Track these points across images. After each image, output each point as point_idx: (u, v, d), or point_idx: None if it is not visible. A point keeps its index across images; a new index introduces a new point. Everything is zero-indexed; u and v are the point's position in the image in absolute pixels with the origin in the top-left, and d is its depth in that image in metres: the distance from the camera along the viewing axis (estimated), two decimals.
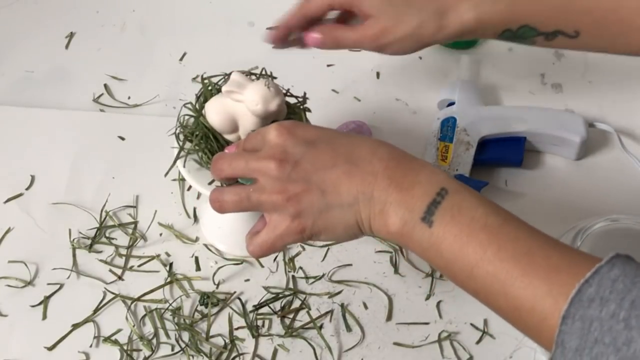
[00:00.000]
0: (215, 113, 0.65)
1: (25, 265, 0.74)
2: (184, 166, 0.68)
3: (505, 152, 0.81)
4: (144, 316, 0.71)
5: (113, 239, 0.76)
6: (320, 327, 0.71)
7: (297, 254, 0.76)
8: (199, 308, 0.72)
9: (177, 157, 0.67)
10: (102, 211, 0.78)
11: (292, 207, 0.54)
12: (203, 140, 0.66)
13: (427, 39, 0.69)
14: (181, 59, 0.93)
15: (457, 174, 0.78)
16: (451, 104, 0.84)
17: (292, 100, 0.70)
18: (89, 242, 0.76)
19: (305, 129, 0.56)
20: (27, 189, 0.80)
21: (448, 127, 0.81)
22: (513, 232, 0.51)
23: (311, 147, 0.55)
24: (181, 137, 0.68)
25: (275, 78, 0.69)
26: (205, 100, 0.68)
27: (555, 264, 0.49)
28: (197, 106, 0.68)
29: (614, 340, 0.44)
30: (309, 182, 0.54)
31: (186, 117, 0.69)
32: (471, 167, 0.79)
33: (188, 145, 0.67)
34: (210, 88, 0.69)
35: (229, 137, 0.67)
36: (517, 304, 0.49)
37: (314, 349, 0.70)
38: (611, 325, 0.44)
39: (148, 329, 0.70)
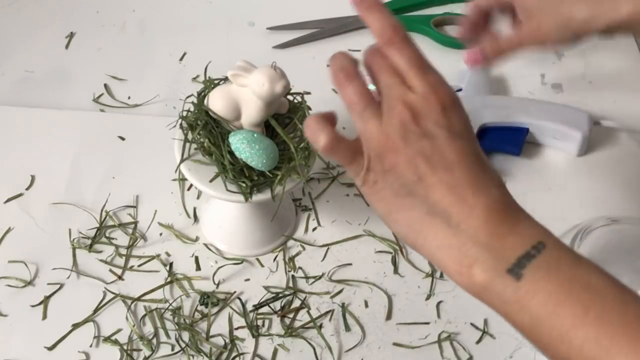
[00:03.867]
0: (220, 98, 0.65)
1: (25, 265, 0.74)
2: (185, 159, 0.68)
3: (504, 140, 0.81)
4: (144, 316, 0.71)
5: (113, 239, 0.76)
6: (320, 326, 0.71)
7: (297, 254, 0.76)
8: (199, 308, 0.72)
9: (184, 146, 0.67)
10: (102, 211, 0.78)
11: (383, 161, 0.48)
12: (205, 130, 0.66)
13: (579, 28, 0.67)
14: (181, 59, 0.93)
15: None
16: (459, 90, 0.84)
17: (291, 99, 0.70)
18: (89, 242, 0.76)
19: (461, 115, 0.49)
20: (27, 189, 0.80)
21: None
22: (620, 295, 0.45)
23: (449, 136, 0.47)
24: (184, 124, 0.68)
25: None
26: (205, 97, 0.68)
27: None
28: (199, 99, 0.68)
29: None
30: (416, 156, 0.47)
31: (188, 110, 0.69)
32: None
33: (190, 136, 0.67)
34: (212, 86, 0.69)
35: (231, 124, 0.67)
36: None
37: (314, 349, 0.70)
38: None
39: (148, 328, 0.70)
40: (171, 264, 0.74)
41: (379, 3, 0.50)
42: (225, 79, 0.69)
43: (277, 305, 0.72)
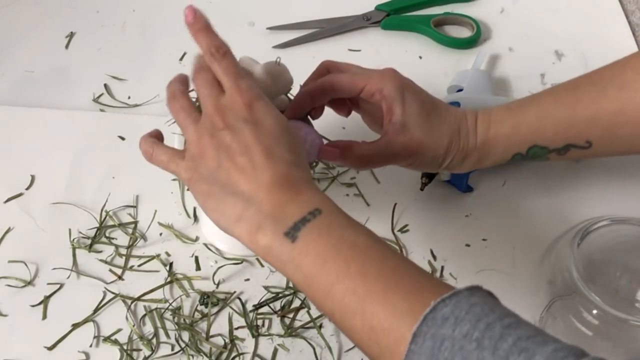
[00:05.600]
0: None
1: (25, 265, 0.74)
2: None
3: None
4: (144, 316, 0.71)
5: (113, 238, 0.76)
6: (320, 326, 0.71)
7: None
8: (199, 308, 0.72)
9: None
10: (102, 211, 0.78)
11: (196, 158, 0.55)
12: None
13: (448, 160, 0.67)
14: (181, 59, 0.93)
15: None
16: (460, 90, 0.84)
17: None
18: (89, 242, 0.76)
19: (266, 107, 0.55)
20: (27, 189, 0.80)
21: None
22: (381, 252, 0.49)
23: (250, 127, 0.54)
24: None
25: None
26: None
27: (420, 286, 0.47)
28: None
29: None
30: (219, 147, 0.54)
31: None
32: None
33: None
34: None
35: None
36: (373, 323, 0.46)
37: (314, 349, 0.70)
38: (463, 344, 0.42)
39: (148, 328, 0.70)
40: (171, 264, 0.74)
41: (207, 26, 0.58)
42: None
43: (277, 305, 0.72)
